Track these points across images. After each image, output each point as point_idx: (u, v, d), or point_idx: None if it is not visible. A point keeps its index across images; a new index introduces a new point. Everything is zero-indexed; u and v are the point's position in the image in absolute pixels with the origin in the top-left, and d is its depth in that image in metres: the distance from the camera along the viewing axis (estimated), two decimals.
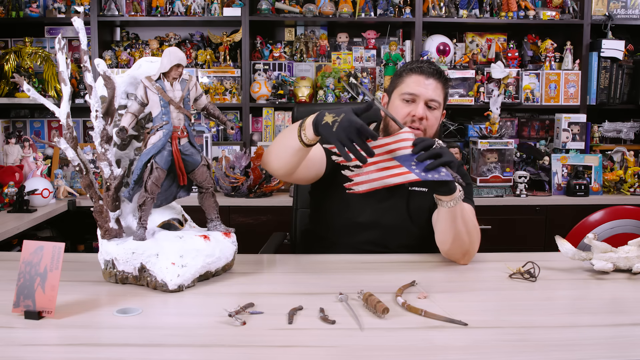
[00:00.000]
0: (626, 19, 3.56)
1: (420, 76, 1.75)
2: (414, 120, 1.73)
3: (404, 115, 1.73)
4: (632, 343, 1.10)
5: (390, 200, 1.79)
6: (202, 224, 1.54)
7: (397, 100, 1.77)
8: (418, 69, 1.76)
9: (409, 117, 1.73)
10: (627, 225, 3.18)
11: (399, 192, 1.79)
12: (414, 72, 1.76)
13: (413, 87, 1.74)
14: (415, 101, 1.74)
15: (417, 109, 1.73)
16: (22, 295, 1.20)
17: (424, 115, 1.73)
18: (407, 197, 1.80)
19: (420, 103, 1.73)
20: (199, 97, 1.45)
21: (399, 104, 1.76)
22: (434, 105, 1.74)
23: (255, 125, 3.63)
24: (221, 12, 3.45)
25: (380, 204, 1.79)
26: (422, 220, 1.80)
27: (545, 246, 3.13)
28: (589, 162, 3.32)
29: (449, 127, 3.55)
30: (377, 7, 3.51)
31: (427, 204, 1.78)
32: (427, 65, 1.77)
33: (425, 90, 1.73)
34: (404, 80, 1.77)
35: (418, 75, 1.75)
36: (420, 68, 1.76)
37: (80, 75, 3.51)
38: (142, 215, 1.41)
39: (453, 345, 1.08)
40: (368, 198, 1.70)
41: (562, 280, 1.47)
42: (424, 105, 1.73)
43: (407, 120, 1.73)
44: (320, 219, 1.87)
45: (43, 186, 2.86)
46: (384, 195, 1.78)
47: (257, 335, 1.13)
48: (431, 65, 1.78)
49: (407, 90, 1.74)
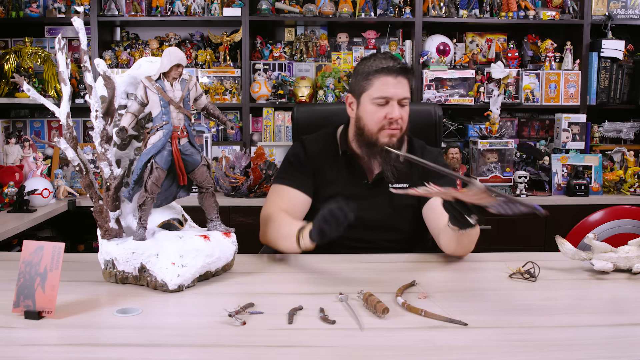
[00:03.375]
0: (626, 19, 3.56)
1: (388, 77, 1.73)
2: (391, 123, 1.73)
3: (381, 119, 1.73)
4: (632, 343, 1.10)
5: (373, 199, 1.82)
6: (202, 224, 1.54)
7: (369, 105, 1.75)
8: (386, 70, 1.73)
9: (386, 121, 1.73)
10: (627, 225, 3.18)
11: (381, 192, 1.80)
12: (382, 74, 1.73)
13: (385, 90, 1.72)
14: (389, 103, 1.73)
15: (393, 111, 1.73)
16: (22, 295, 1.20)
17: (400, 115, 1.74)
18: (389, 195, 1.81)
19: (394, 104, 1.73)
20: (199, 97, 1.45)
21: (373, 108, 1.75)
22: (405, 103, 1.76)
23: (255, 125, 3.63)
24: (221, 12, 3.45)
25: (363, 203, 1.80)
26: (411, 216, 1.83)
27: (545, 246, 3.12)
28: (589, 162, 3.32)
29: (449, 127, 3.55)
30: (377, 7, 3.51)
31: (411, 201, 1.81)
32: (392, 62, 1.75)
33: (396, 90, 1.73)
34: (373, 83, 1.74)
35: (386, 77, 1.73)
36: (388, 69, 1.73)
37: (80, 75, 3.51)
38: (142, 215, 1.42)
39: (453, 345, 1.08)
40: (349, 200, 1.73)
41: (562, 280, 1.47)
42: (398, 105, 1.74)
43: (385, 123, 1.73)
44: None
45: (43, 186, 2.86)
46: (365, 194, 1.81)
47: (257, 335, 1.13)
48: (395, 60, 1.76)
49: (379, 95, 1.73)
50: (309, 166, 1.84)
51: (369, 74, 1.75)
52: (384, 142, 1.74)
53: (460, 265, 1.63)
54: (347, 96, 1.84)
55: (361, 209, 1.80)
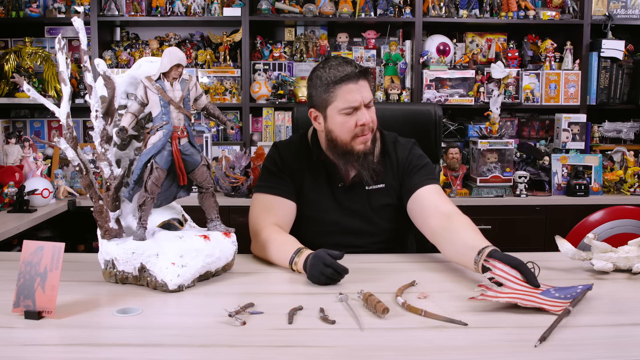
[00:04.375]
0: (626, 19, 3.56)
1: (350, 84, 1.67)
2: (364, 130, 1.70)
3: (352, 128, 1.69)
4: (632, 343, 1.10)
5: (351, 203, 1.81)
6: (202, 224, 1.54)
7: (337, 116, 1.70)
8: (347, 78, 1.67)
9: (358, 128, 1.70)
10: (627, 225, 3.18)
11: (358, 194, 1.80)
12: (344, 82, 1.67)
13: (350, 100, 1.68)
14: (357, 109, 1.69)
15: (362, 116, 1.69)
16: (22, 295, 1.20)
17: (371, 119, 1.71)
18: (366, 196, 1.80)
19: (362, 109, 1.69)
20: (199, 97, 1.45)
21: (342, 119, 1.70)
22: (371, 104, 1.73)
23: (255, 125, 3.63)
24: (221, 12, 3.45)
25: (341, 207, 1.80)
26: (391, 215, 1.82)
27: (545, 246, 3.12)
28: (589, 162, 3.32)
29: (449, 127, 3.55)
30: (377, 7, 3.51)
31: (389, 200, 1.81)
32: (350, 68, 1.69)
33: (361, 95, 1.68)
34: (337, 93, 1.68)
35: (347, 84, 1.67)
36: (348, 76, 1.67)
37: (80, 75, 3.51)
38: (142, 215, 1.41)
39: (453, 345, 1.08)
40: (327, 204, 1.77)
41: (562, 280, 1.47)
42: (365, 109, 1.70)
43: (357, 131, 1.70)
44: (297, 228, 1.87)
45: (43, 186, 2.86)
46: (343, 198, 1.80)
47: (257, 335, 1.13)
48: (350, 64, 1.71)
49: (346, 105, 1.68)
50: (286, 171, 1.81)
51: (329, 85, 1.69)
52: (360, 148, 1.72)
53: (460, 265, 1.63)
54: (311, 111, 1.77)
55: (340, 214, 1.80)
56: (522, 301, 1.24)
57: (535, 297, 1.26)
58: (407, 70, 3.56)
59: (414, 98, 3.47)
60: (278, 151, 1.85)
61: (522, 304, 1.23)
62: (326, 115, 1.73)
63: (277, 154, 1.84)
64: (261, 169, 1.87)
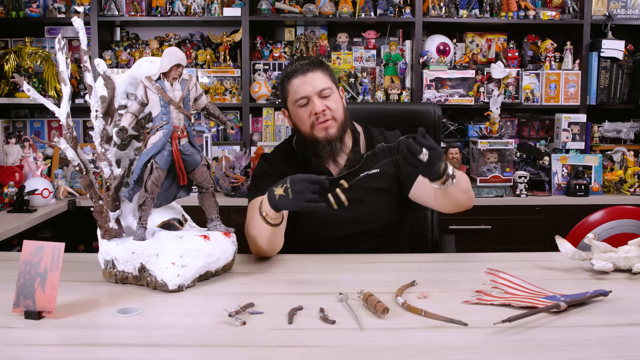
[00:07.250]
0: (626, 19, 3.56)
1: (297, 77, 1.78)
2: (318, 117, 1.77)
3: (308, 117, 1.78)
4: (632, 343, 1.10)
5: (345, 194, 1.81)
6: (202, 224, 1.54)
7: (294, 110, 1.81)
8: (293, 72, 1.79)
9: (313, 117, 1.77)
10: (627, 225, 3.18)
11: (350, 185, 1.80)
12: (292, 77, 1.79)
13: (299, 91, 1.77)
14: (310, 100, 1.77)
15: (313, 106, 1.77)
16: (22, 295, 1.21)
17: (324, 107, 1.77)
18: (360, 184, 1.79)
19: (314, 99, 1.77)
20: (199, 97, 1.45)
21: (298, 111, 1.80)
22: (327, 93, 1.78)
23: (255, 125, 3.63)
24: (221, 12, 3.45)
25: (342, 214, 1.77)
26: (386, 199, 1.84)
27: (545, 246, 3.12)
28: (589, 162, 3.32)
29: (449, 127, 3.55)
30: (377, 7, 3.51)
31: (382, 184, 1.83)
32: (298, 64, 1.80)
33: (311, 86, 1.77)
34: (288, 88, 1.80)
35: (295, 78, 1.78)
36: (295, 71, 1.79)
37: (80, 75, 3.51)
38: (142, 215, 1.42)
39: (453, 345, 1.08)
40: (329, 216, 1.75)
41: (562, 280, 1.47)
42: (318, 98, 1.77)
43: (313, 119, 1.77)
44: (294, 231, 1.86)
45: (43, 186, 2.86)
46: None
47: (257, 335, 1.13)
48: (301, 60, 1.81)
49: (296, 97, 1.78)
50: (274, 173, 1.84)
51: (283, 83, 1.82)
52: (322, 136, 1.78)
53: (460, 265, 1.63)
54: (282, 110, 1.89)
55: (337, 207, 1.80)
56: (516, 302, 1.25)
57: (536, 301, 1.26)
58: (407, 70, 3.57)
59: (414, 98, 3.47)
60: (266, 160, 1.92)
61: (515, 304, 1.24)
62: (289, 112, 1.85)
63: (265, 162, 1.91)
64: (250, 179, 1.94)
